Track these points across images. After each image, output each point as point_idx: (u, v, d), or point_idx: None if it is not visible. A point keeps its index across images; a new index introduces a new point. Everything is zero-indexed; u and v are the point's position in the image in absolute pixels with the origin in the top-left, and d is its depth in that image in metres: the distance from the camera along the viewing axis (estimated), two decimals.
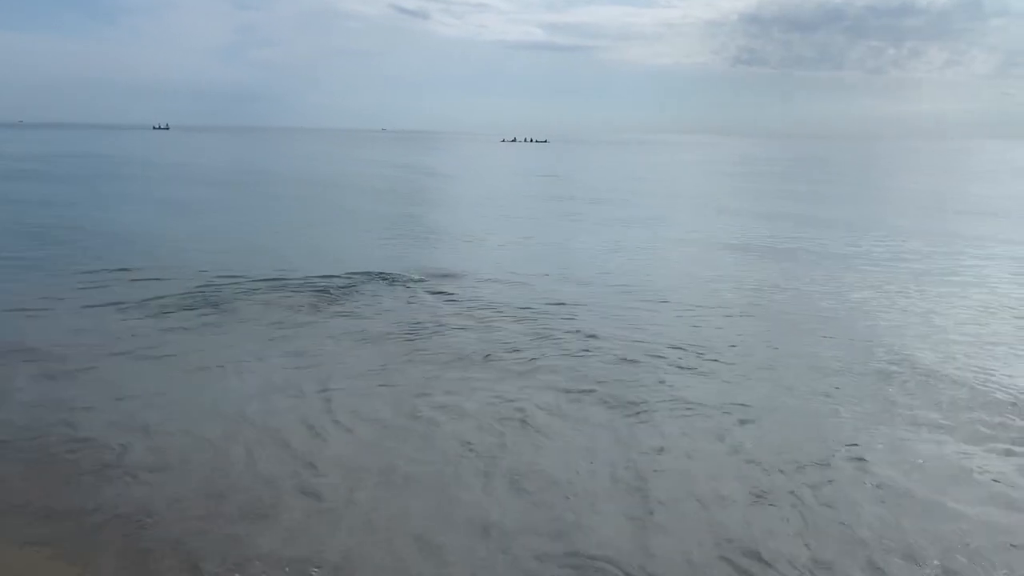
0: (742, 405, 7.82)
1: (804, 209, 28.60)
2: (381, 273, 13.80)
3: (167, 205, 26.08)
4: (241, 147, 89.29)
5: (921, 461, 6.63)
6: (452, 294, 12.48)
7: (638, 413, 7.60)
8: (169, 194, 29.86)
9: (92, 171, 42.71)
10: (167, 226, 20.70)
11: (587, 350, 9.58)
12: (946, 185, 45.64)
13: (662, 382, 8.47)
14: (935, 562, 5.13)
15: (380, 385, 8.28)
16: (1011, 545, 5.38)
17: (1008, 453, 6.84)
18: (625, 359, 9.22)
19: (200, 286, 12.48)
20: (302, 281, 12.97)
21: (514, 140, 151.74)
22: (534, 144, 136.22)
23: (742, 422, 7.39)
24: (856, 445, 6.91)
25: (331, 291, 12.39)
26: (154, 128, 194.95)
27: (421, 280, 13.32)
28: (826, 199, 35.22)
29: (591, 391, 8.15)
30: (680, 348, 9.70)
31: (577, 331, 10.37)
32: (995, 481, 6.30)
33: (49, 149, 68.53)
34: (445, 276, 13.81)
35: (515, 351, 9.47)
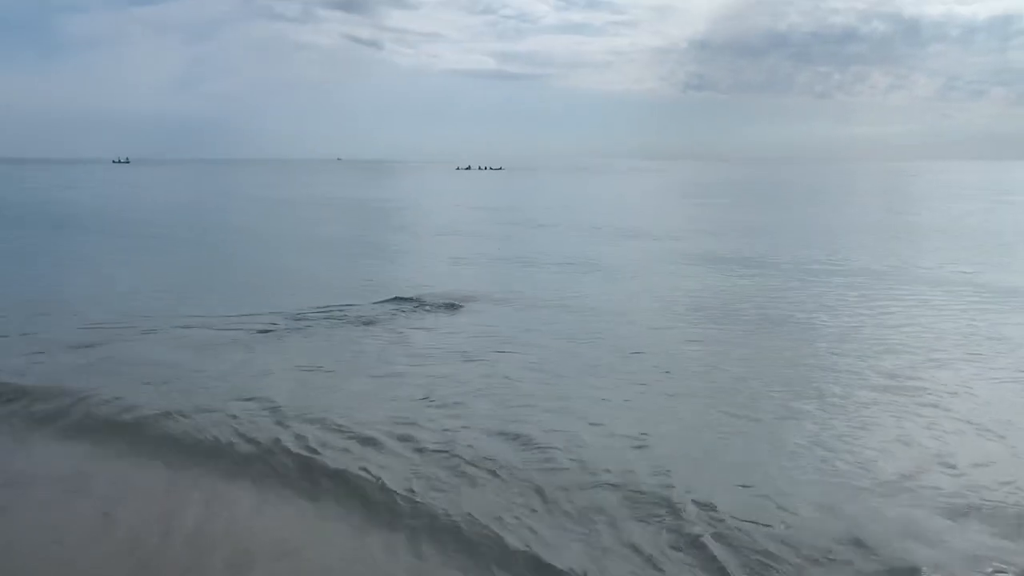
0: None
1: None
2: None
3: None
4: (194, 183, 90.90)
5: None
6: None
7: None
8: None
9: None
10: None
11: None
12: (894, 207, 48.99)
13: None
14: None
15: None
16: None
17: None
18: None
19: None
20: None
21: (468, 168, 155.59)
22: (489, 172, 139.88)
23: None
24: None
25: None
26: (114, 162, 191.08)
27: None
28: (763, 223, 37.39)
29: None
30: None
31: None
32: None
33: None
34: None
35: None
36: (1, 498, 6.78)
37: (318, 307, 14.24)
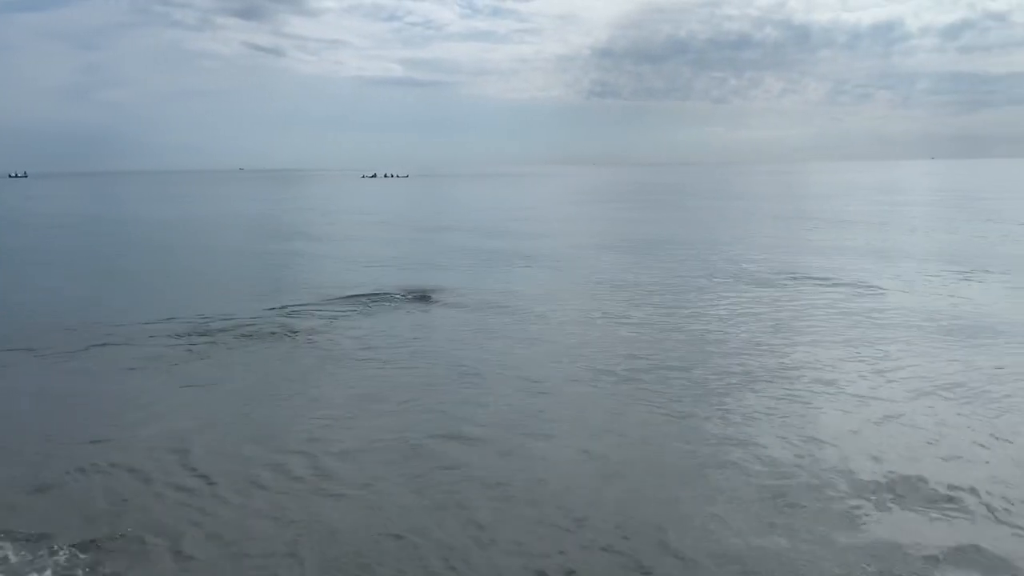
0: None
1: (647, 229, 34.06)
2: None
3: None
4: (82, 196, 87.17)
5: None
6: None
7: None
8: None
9: None
10: None
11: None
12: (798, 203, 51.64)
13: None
14: None
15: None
16: None
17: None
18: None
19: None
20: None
21: (374, 176, 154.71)
22: (395, 180, 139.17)
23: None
24: None
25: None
26: (10, 176, 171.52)
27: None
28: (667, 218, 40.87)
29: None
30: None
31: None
32: None
33: None
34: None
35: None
36: None
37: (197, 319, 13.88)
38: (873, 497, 6.52)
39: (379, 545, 5.94)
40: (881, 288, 16.08)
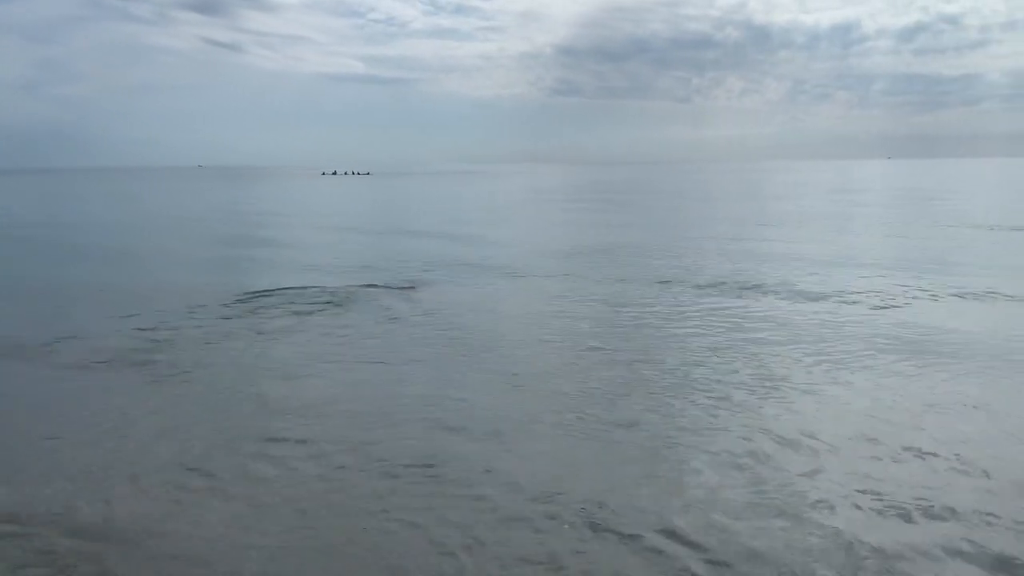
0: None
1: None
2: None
3: None
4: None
5: None
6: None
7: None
8: None
9: None
10: None
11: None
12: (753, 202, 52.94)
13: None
14: None
15: None
16: None
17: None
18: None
19: None
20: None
21: (335, 173, 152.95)
22: (356, 177, 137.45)
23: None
24: None
25: None
26: None
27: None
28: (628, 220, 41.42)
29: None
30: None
31: None
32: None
33: None
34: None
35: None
36: None
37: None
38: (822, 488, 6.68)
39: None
40: (829, 295, 15.80)
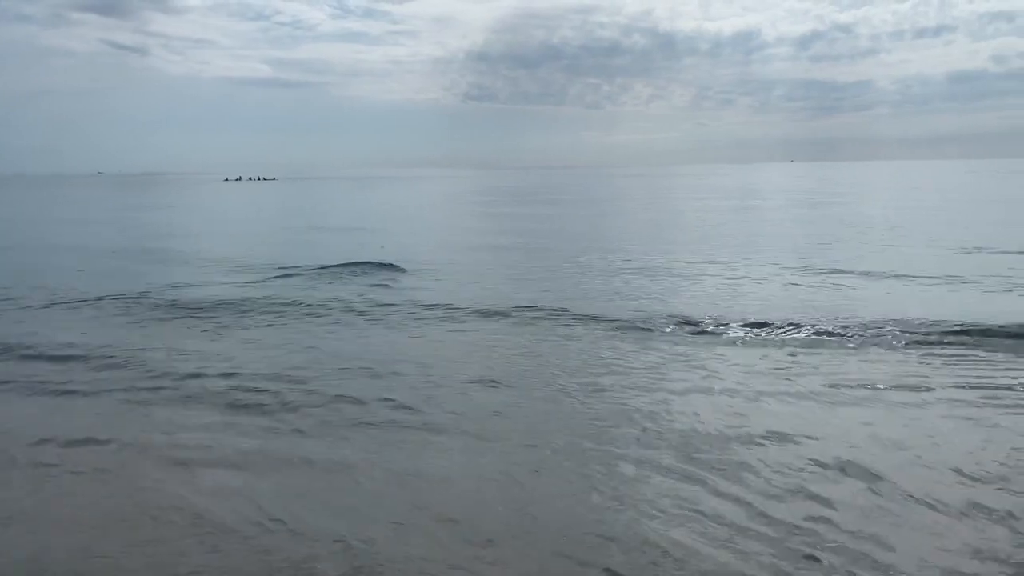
0: None
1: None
2: None
3: None
4: None
5: None
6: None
7: None
8: None
9: None
10: None
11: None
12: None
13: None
14: None
15: None
16: None
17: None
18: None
19: None
20: None
21: (239, 179, 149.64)
22: (260, 182, 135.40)
23: None
24: None
25: None
26: None
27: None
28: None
29: None
30: None
31: None
32: None
33: None
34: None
35: None
36: None
37: None
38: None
39: None
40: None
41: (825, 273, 18.25)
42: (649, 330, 12.60)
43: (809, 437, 7.76)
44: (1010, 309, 13.53)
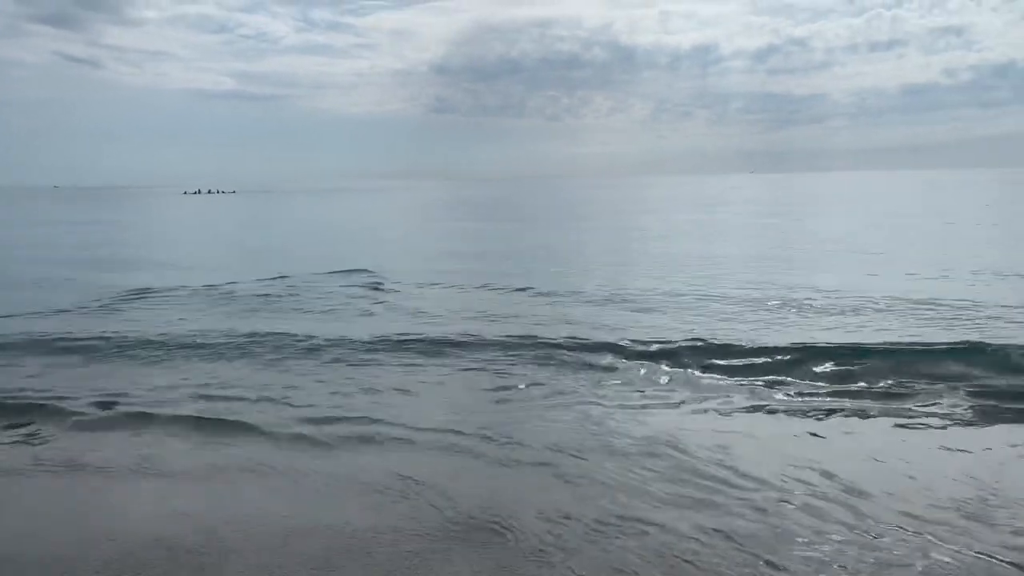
0: None
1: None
2: None
3: None
4: None
5: None
6: None
7: None
8: None
9: None
10: None
11: None
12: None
13: None
14: None
15: None
16: None
17: None
18: None
19: None
20: None
21: (198, 192, 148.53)
22: (220, 196, 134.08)
23: None
24: None
25: None
26: None
27: None
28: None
29: None
30: None
31: None
32: None
33: None
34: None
35: None
36: None
37: None
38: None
39: None
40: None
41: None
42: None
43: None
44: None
